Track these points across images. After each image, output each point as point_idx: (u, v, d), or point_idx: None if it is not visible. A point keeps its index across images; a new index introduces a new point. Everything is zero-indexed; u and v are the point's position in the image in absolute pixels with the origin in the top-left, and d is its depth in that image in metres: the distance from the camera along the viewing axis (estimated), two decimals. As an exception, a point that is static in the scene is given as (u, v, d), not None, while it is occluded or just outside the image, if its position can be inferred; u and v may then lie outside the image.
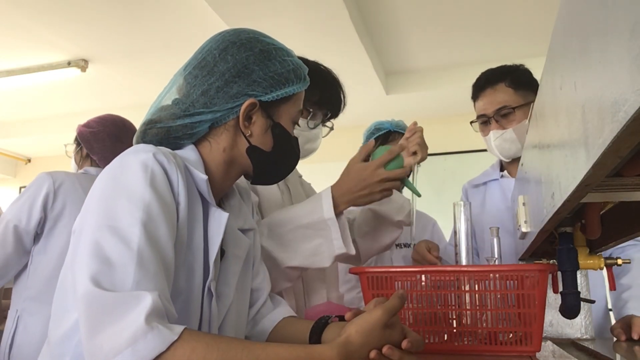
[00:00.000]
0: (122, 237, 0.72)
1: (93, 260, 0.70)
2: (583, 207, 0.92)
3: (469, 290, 1.07)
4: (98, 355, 0.65)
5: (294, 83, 0.96)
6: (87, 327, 0.67)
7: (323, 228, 1.15)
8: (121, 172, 0.79)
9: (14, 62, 3.98)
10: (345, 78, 1.46)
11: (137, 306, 0.66)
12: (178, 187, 0.83)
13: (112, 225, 0.73)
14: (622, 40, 0.39)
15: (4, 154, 5.93)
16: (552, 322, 1.39)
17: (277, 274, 1.16)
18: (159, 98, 0.98)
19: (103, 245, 0.72)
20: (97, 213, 0.76)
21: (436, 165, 4.65)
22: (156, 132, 0.93)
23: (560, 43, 0.68)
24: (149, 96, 1.01)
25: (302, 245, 1.16)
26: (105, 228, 0.73)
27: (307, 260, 1.16)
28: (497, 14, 3.46)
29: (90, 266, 0.69)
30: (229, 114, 0.92)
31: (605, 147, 0.44)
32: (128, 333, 0.64)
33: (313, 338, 0.94)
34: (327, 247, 1.16)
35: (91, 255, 0.71)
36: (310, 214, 1.17)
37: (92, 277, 0.68)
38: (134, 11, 3.28)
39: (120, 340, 0.64)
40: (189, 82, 0.94)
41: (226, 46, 0.93)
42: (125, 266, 0.70)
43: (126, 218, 0.74)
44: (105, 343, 0.65)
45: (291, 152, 1.01)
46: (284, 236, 1.17)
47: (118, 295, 0.67)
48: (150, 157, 0.81)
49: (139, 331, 0.64)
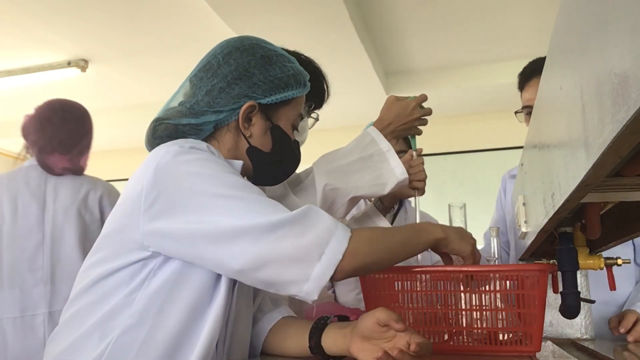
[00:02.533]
0: (247, 196, 0.83)
1: (244, 215, 0.80)
2: (583, 207, 0.92)
3: (469, 290, 1.07)
4: (309, 254, 0.79)
5: (294, 88, 1.01)
6: (290, 240, 0.79)
7: (382, 160, 1.23)
8: (174, 157, 0.84)
9: (14, 62, 3.98)
10: (345, 78, 1.46)
11: (317, 210, 0.84)
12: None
13: (217, 193, 0.82)
14: (622, 40, 0.39)
15: (4, 154, 5.92)
16: (552, 322, 1.39)
17: (338, 206, 1.23)
18: (169, 100, 1.03)
19: (231, 207, 0.81)
20: (189, 200, 0.82)
21: (436, 165, 4.65)
22: (165, 127, 0.98)
23: (560, 43, 0.68)
24: (149, 96, 1.03)
25: (365, 175, 1.23)
26: (215, 199, 0.82)
27: (371, 189, 1.23)
28: (497, 14, 3.46)
29: (245, 220, 0.79)
30: (231, 114, 0.98)
31: (605, 147, 0.44)
32: (330, 220, 0.83)
33: (313, 338, 0.94)
34: (389, 176, 1.22)
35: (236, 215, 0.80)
36: (365, 149, 1.24)
37: (257, 223, 0.79)
38: (134, 11, 3.28)
39: (324, 237, 0.81)
40: (194, 84, 1.00)
41: (230, 51, 0.99)
42: (272, 204, 0.83)
43: (235, 187, 0.84)
44: (317, 236, 0.80)
45: (291, 154, 1.05)
46: (345, 169, 1.23)
47: (295, 212, 0.81)
48: (192, 144, 0.88)
49: (331, 225, 0.82)
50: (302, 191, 1.24)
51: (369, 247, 0.86)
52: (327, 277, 0.79)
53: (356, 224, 1.42)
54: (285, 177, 1.09)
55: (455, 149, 4.77)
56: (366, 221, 1.42)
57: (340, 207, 1.23)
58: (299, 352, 0.97)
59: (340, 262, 0.80)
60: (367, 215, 1.43)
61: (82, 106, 2.10)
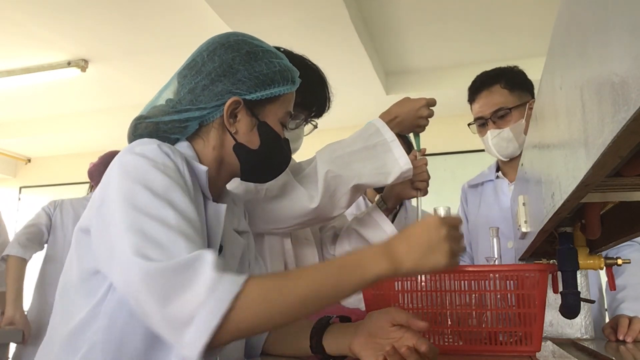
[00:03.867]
0: (157, 218, 0.75)
1: (139, 244, 0.72)
2: (583, 207, 0.91)
3: (469, 290, 1.07)
4: (177, 320, 0.68)
5: (280, 84, 0.97)
6: (155, 300, 0.69)
7: (385, 150, 1.22)
8: (134, 164, 0.81)
9: (14, 62, 3.98)
10: (345, 78, 1.47)
11: (202, 263, 0.70)
12: (185, 176, 0.85)
13: (143, 210, 0.75)
14: (622, 40, 0.39)
15: (4, 154, 5.92)
16: (552, 322, 1.39)
17: (340, 195, 1.22)
18: (155, 97, 1.01)
19: (143, 228, 0.73)
20: (123, 204, 0.77)
21: (436, 165, 4.64)
22: (145, 126, 0.96)
23: (560, 43, 0.68)
24: (148, 96, 1.02)
25: (368, 164, 1.22)
26: (137, 214, 0.75)
27: (374, 178, 1.22)
28: (497, 14, 3.45)
29: (137, 249, 0.72)
30: (215, 112, 0.95)
31: (605, 147, 0.44)
32: (204, 287, 0.68)
33: (314, 338, 0.94)
34: (393, 166, 1.22)
35: (135, 240, 0.73)
36: (370, 139, 1.23)
37: (144, 256, 0.71)
38: (134, 11, 3.28)
39: (199, 297, 0.68)
40: (179, 82, 0.98)
41: (215, 47, 0.97)
42: (172, 241, 0.73)
43: (153, 203, 0.76)
44: (183, 305, 0.68)
45: (280, 151, 1.01)
46: (348, 157, 1.22)
47: (180, 260, 0.70)
48: (156, 148, 0.83)
49: (213, 281, 0.69)
50: (305, 178, 1.23)
51: (262, 307, 0.71)
52: (201, 344, 0.67)
53: (358, 224, 1.42)
54: (275, 175, 1.06)
55: (455, 149, 4.77)
56: (368, 221, 1.41)
57: (342, 196, 1.22)
58: (299, 351, 0.97)
59: (218, 327, 0.67)
60: (369, 215, 1.42)
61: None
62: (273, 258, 1.29)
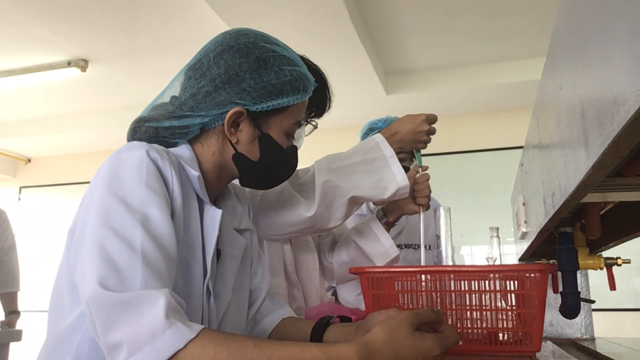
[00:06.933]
0: (124, 239, 0.72)
1: (99, 264, 0.70)
2: (583, 207, 0.92)
3: (469, 290, 1.07)
4: (116, 353, 0.66)
5: (289, 95, 0.92)
6: (101, 326, 0.67)
7: (384, 165, 1.23)
8: (116, 172, 0.79)
9: (14, 62, 3.98)
10: (345, 78, 1.46)
11: (154, 304, 0.66)
12: (172, 183, 0.83)
13: (112, 227, 0.73)
14: (622, 40, 0.39)
15: (4, 154, 5.92)
16: (552, 322, 1.39)
17: (337, 206, 1.22)
18: (161, 94, 0.98)
19: (107, 248, 0.71)
20: (97, 215, 0.75)
21: (436, 165, 4.65)
22: (145, 130, 0.94)
23: (560, 43, 0.68)
24: (149, 96, 1.01)
25: (366, 177, 1.22)
26: (106, 231, 0.73)
27: (371, 192, 1.22)
28: (497, 14, 3.45)
29: (96, 269, 0.69)
30: (217, 119, 0.92)
31: (605, 147, 0.44)
32: (147, 330, 0.65)
33: (314, 338, 0.94)
34: (390, 181, 1.22)
35: (96, 258, 0.71)
36: (369, 153, 1.24)
37: (100, 280, 0.68)
38: (134, 11, 3.28)
39: (139, 338, 0.64)
40: (182, 83, 0.95)
41: (222, 49, 0.92)
42: (131, 267, 0.70)
43: (125, 220, 0.74)
44: (123, 340, 0.65)
45: (281, 163, 0.97)
46: (346, 169, 1.23)
47: (130, 294, 0.67)
48: (144, 154, 0.81)
49: (158, 328, 0.65)
50: (302, 186, 1.24)
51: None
52: None
53: (357, 235, 1.42)
54: (276, 184, 1.04)
55: (455, 149, 4.77)
56: (367, 233, 1.40)
57: (339, 208, 1.22)
58: None
59: None
60: (368, 226, 1.41)
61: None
62: (272, 258, 1.29)
